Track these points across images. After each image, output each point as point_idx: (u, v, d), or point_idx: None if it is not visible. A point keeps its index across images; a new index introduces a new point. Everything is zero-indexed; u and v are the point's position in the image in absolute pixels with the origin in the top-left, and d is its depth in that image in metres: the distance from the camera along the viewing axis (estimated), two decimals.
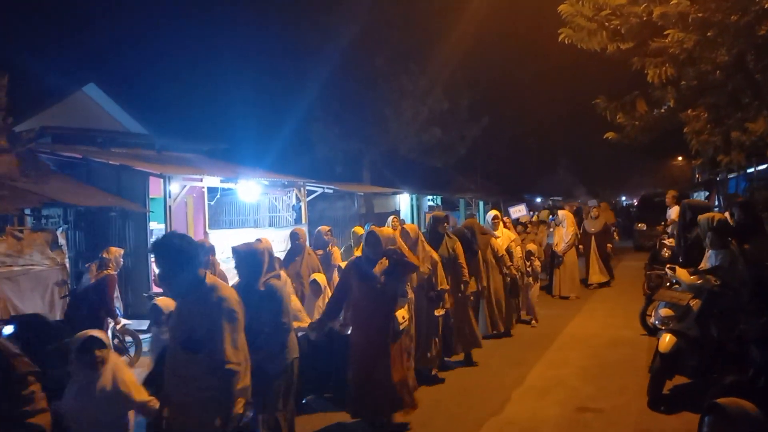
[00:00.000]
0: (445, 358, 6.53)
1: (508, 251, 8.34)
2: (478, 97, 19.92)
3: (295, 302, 5.12)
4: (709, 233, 5.59)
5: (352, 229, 8.02)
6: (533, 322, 8.86)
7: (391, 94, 17.20)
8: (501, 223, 8.82)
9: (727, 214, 6.66)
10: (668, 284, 7.13)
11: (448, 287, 6.05)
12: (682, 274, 5.60)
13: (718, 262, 5.59)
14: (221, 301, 2.97)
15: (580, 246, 12.67)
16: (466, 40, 16.81)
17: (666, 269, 5.91)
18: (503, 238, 8.50)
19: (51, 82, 13.88)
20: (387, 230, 5.20)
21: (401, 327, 4.71)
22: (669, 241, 9.89)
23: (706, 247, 5.69)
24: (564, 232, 11.02)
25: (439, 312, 5.89)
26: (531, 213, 14.13)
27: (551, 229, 11.86)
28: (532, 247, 9.24)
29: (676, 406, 5.04)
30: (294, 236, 6.88)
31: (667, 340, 5.08)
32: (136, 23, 24.01)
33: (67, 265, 8.03)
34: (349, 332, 4.96)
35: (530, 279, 8.95)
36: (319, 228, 7.69)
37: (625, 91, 6.79)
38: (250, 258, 3.97)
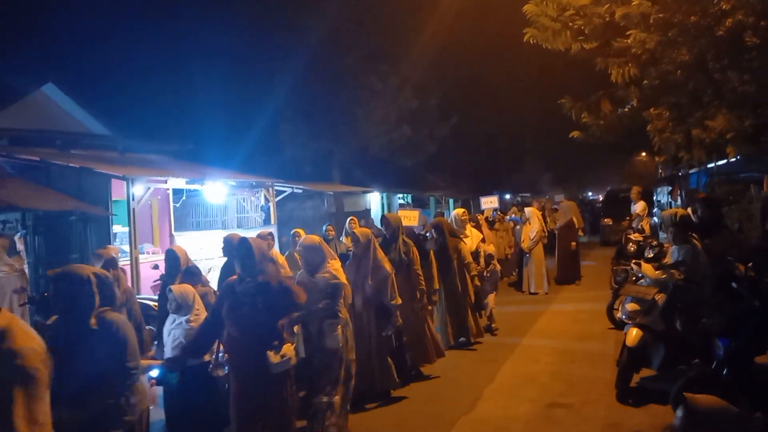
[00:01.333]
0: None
1: (475, 253, 8.09)
2: (448, 95, 20.03)
3: None
4: (672, 228, 5.72)
5: (292, 231, 7.27)
6: (493, 326, 8.25)
7: (361, 94, 17.13)
8: (468, 223, 8.61)
9: (689, 210, 6.84)
10: (634, 279, 7.30)
11: (399, 302, 5.48)
12: (647, 269, 5.72)
13: (681, 257, 5.72)
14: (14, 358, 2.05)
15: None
16: (435, 39, 16.88)
17: (632, 264, 6.03)
18: (472, 238, 8.30)
19: (8, 82, 13.38)
20: (259, 242, 3.96)
21: (280, 366, 3.57)
22: (634, 236, 10.11)
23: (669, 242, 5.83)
24: (531, 229, 11.04)
25: (386, 332, 5.46)
26: (494, 212, 13.84)
27: (518, 227, 11.86)
28: (490, 249, 8.80)
29: (644, 398, 5.13)
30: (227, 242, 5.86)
31: (633, 334, 5.18)
32: (98, 21, 23.34)
33: (26, 271, 7.74)
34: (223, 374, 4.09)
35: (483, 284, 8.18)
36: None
37: (591, 90, 6.90)
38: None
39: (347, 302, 4.75)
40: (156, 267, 8.75)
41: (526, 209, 11.69)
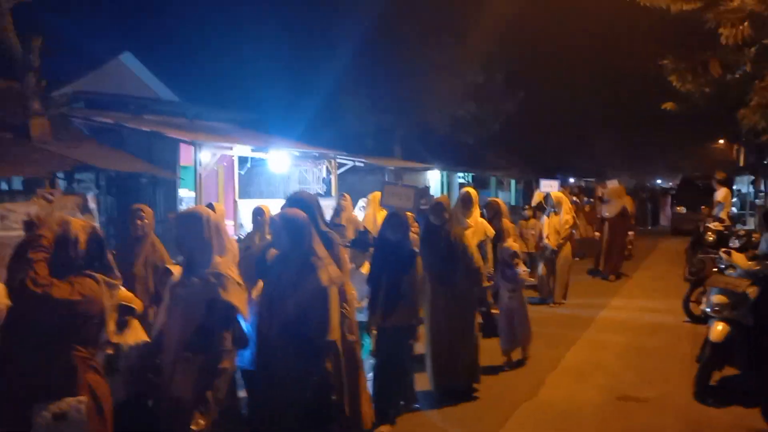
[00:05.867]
0: None
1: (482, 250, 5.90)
2: (515, 70, 19.28)
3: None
4: (761, 217, 5.24)
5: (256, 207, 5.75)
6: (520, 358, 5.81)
7: (425, 66, 16.75)
8: (476, 209, 6.37)
9: None
10: (715, 269, 6.77)
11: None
12: (738, 258, 5.25)
13: None
14: None
15: (596, 233, 11.45)
16: (503, 7, 16.14)
17: (721, 253, 5.55)
18: (476, 230, 6.10)
19: (88, 50, 13.94)
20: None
21: None
22: (714, 225, 9.42)
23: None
24: (559, 221, 8.58)
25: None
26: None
27: (543, 217, 9.15)
28: (513, 245, 6.00)
29: (726, 399, 4.74)
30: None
31: (719, 328, 4.77)
32: None
33: (98, 228, 8.01)
34: None
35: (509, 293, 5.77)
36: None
37: (686, 57, 6.18)
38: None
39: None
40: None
41: (553, 195, 9.02)
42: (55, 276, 2.48)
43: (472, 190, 6.55)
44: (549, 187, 12.60)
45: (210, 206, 5.37)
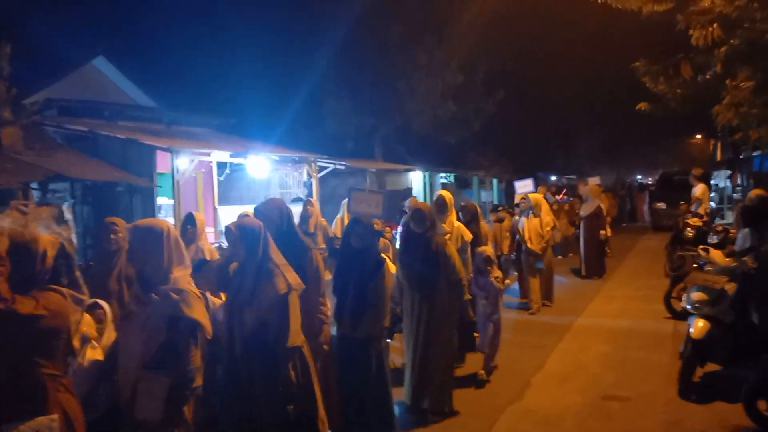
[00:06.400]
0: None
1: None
2: (495, 70, 19.35)
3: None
4: (737, 213, 5.29)
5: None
6: (481, 372, 5.42)
7: (405, 67, 16.74)
8: (452, 213, 6.08)
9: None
10: (694, 265, 6.83)
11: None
12: (716, 255, 5.31)
13: (750, 243, 5.28)
14: None
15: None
16: (483, 8, 16.19)
17: (699, 250, 5.60)
18: (454, 235, 5.80)
19: (60, 55, 13.64)
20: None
21: None
22: (693, 221, 9.52)
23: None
24: (539, 223, 8.22)
25: None
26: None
27: (518, 218, 8.84)
28: (487, 250, 5.68)
29: (709, 395, 4.77)
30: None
31: (700, 325, 4.80)
32: None
33: (74, 240, 7.84)
34: None
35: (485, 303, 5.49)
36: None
37: (659, 59, 6.26)
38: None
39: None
40: None
41: (531, 196, 8.57)
42: (17, 291, 2.39)
43: (446, 194, 6.14)
44: (524, 187, 12.18)
45: (190, 216, 5.26)
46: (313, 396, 3.41)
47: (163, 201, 9.40)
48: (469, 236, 5.99)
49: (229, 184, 12.39)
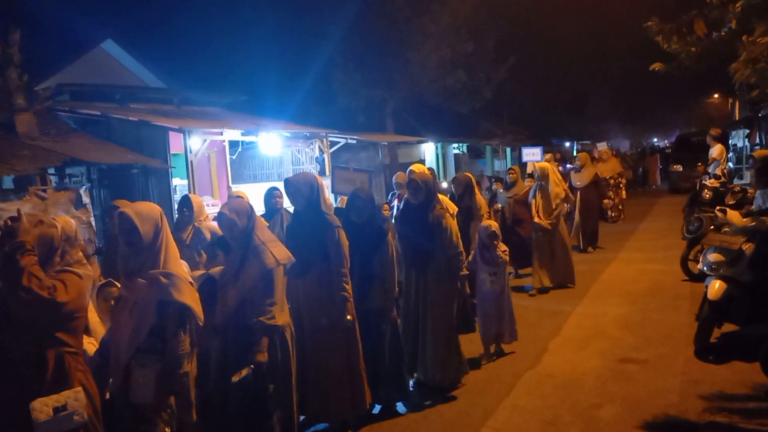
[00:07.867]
0: None
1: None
2: (505, 36, 18.99)
3: None
4: (753, 171, 5.21)
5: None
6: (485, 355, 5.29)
7: (414, 37, 16.48)
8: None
9: None
10: (711, 227, 6.76)
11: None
12: (733, 216, 5.22)
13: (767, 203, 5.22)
14: None
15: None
16: None
17: (716, 211, 5.53)
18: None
19: (69, 40, 13.69)
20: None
21: None
22: (710, 182, 9.38)
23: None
24: (551, 195, 7.51)
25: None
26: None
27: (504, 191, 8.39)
28: (493, 225, 5.32)
29: (726, 355, 4.75)
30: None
31: (717, 286, 4.76)
32: None
33: (93, 223, 7.98)
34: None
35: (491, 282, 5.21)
36: None
37: (670, 17, 6.07)
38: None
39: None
40: None
41: (536, 165, 7.94)
42: None
43: (419, 167, 5.17)
44: (531, 155, 11.58)
45: (186, 198, 5.30)
46: (290, 382, 3.42)
47: (177, 182, 9.49)
48: (453, 209, 5.68)
49: (243, 162, 12.45)
